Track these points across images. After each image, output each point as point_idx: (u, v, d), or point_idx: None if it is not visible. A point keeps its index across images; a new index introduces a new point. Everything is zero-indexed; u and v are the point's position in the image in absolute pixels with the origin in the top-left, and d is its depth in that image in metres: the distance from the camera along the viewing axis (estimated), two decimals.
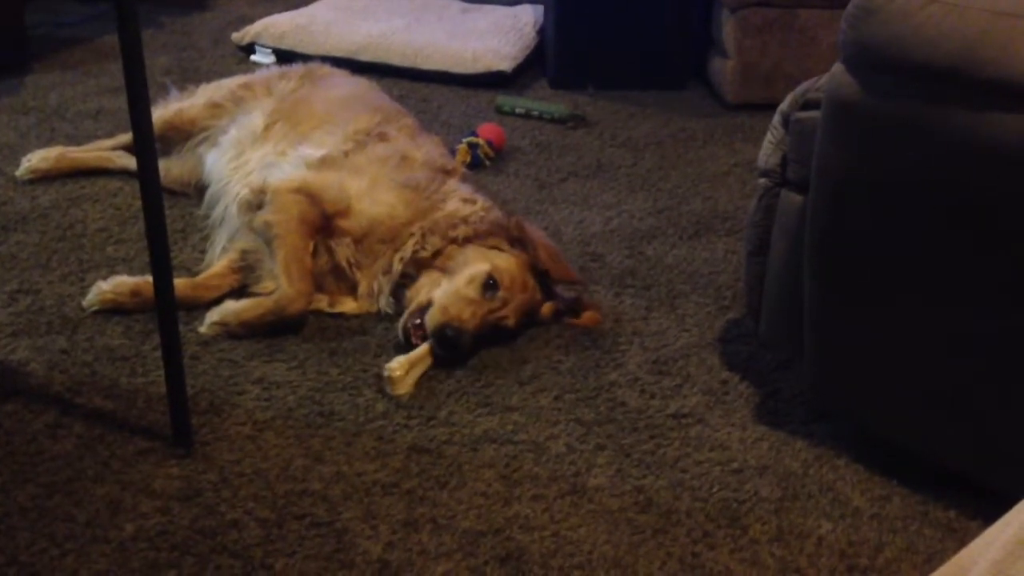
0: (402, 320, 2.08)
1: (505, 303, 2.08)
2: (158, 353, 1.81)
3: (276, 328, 2.08)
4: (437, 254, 2.15)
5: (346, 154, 2.33)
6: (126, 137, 2.78)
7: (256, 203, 2.25)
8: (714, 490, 1.74)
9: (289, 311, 2.08)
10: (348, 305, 2.20)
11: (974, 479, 1.69)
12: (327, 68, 2.86)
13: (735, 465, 1.80)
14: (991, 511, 1.16)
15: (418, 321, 2.05)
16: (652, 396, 1.98)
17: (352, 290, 2.21)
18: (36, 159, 2.73)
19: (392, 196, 2.23)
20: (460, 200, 2.26)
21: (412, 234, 2.18)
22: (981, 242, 1.52)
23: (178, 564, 1.51)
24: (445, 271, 2.13)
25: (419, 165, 2.33)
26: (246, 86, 2.71)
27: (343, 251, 2.19)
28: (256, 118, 2.58)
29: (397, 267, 2.16)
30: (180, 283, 2.07)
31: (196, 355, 2.00)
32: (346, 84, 2.75)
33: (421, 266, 2.15)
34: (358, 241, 2.19)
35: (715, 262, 2.51)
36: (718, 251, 2.56)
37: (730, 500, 1.72)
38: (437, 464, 1.75)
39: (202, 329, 2.06)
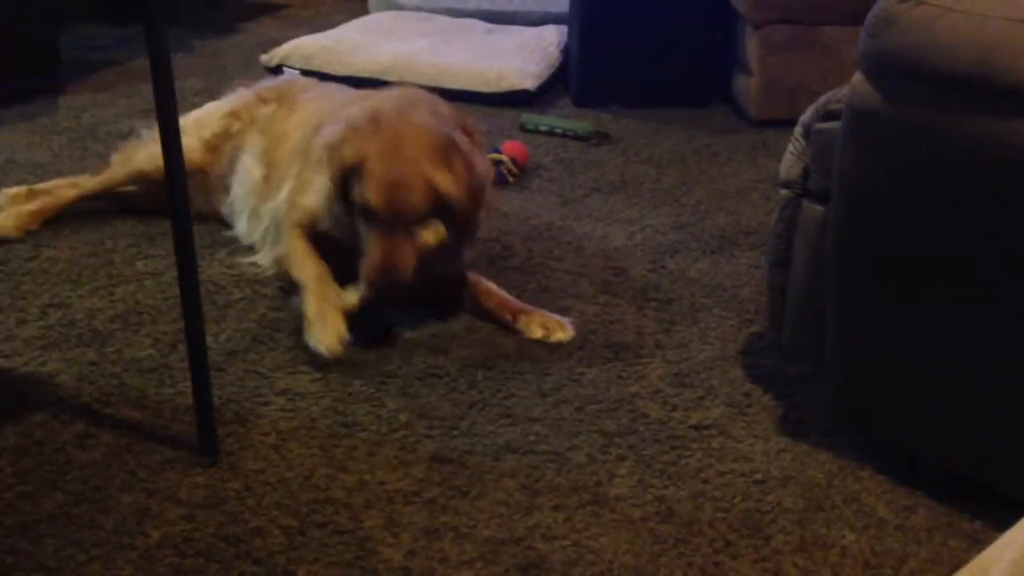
0: None
1: None
2: (185, 364, 1.84)
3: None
4: None
5: None
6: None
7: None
8: (736, 500, 1.73)
9: None
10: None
11: (1000, 490, 1.68)
12: (301, 82, 2.84)
13: (758, 476, 1.79)
14: (1017, 521, 1.15)
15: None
16: (674, 408, 1.98)
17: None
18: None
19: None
20: None
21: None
22: (1004, 250, 1.51)
23: (203, 570, 1.52)
24: None
25: None
26: (232, 115, 2.69)
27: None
28: (250, 164, 2.57)
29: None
30: None
31: (222, 367, 2.02)
32: (318, 98, 2.68)
33: None
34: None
35: (738, 276, 2.51)
36: (741, 265, 2.56)
37: (752, 511, 1.71)
38: (459, 473, 1.76)
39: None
